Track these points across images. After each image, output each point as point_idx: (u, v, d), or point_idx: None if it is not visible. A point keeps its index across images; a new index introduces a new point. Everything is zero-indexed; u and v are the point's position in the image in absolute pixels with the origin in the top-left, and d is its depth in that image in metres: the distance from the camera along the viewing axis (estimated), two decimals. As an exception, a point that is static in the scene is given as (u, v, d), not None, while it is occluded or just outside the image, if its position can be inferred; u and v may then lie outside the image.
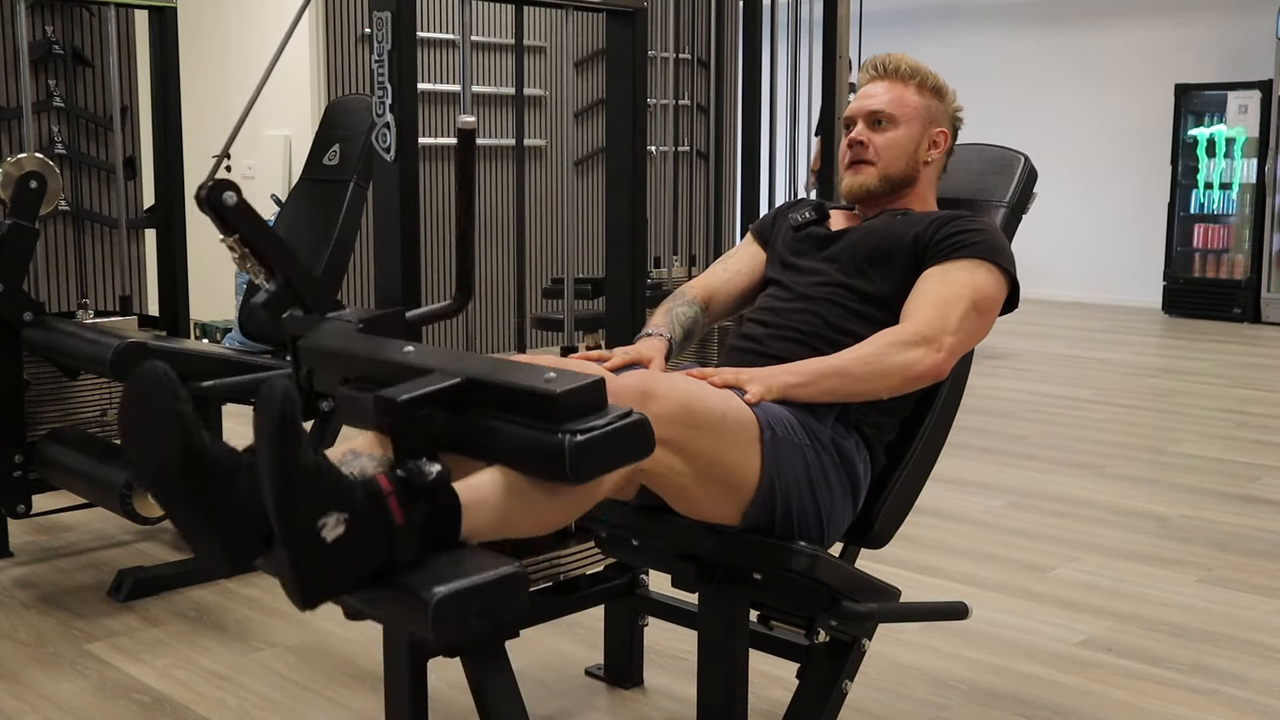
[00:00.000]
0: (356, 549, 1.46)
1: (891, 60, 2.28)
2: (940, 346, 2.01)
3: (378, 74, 2.35)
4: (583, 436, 1.51)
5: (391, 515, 1.48)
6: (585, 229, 6.86)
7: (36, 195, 3.16)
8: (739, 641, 2.05)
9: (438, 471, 1.53)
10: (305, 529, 1.42)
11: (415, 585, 1.46)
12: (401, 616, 1.50)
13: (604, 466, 1.56)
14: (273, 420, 1.41)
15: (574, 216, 4.38)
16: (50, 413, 3.28)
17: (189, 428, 1.47)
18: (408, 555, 1.50)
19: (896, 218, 2.22)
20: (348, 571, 1.46)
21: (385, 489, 1.49)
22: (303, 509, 1.42)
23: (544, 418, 1.54)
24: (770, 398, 1.93)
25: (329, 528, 1.43)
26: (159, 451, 1.49)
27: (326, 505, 1.43)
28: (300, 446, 1.42)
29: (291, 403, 1.43)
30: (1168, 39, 9.25)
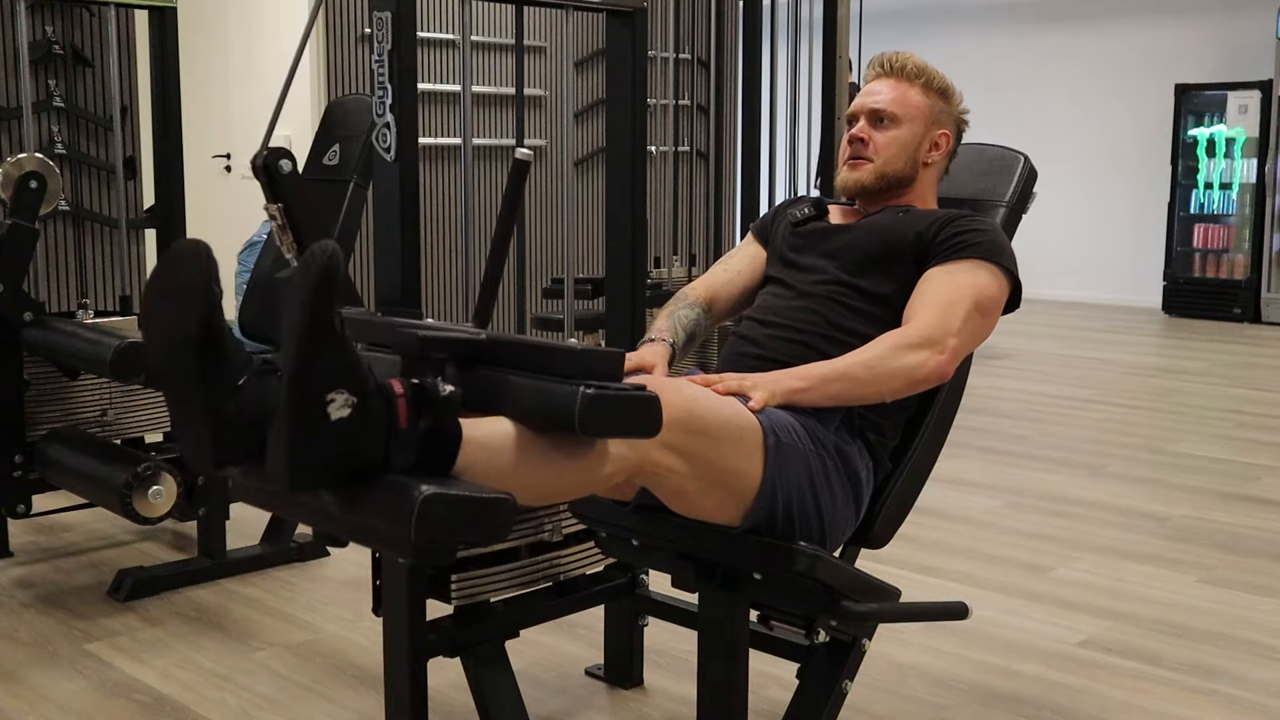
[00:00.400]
0: (355, 436, 1.44)
1: (899, 59, 2.27)
2: (944, 348, 2.00)
3: (378, 74, 2.35)
4: (595, 390, 1.53)
5: (397, 416, 1.47)
6: (585, 229, 6.86)
7: (36, 195, 3.16)
8: (739, 641, 2.04)
9: (451, 391, 1.52)
10: (314, 396, 1.40)
11: (403, 483, 1.45)
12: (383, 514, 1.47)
13: (612, 427, 1.58)
14: (313, 277, 1.40)
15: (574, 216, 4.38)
16: (50, 413, 3.27)
17: (213, 308, 1.47)
18: (401, 461, 1.48)
19: (898, 215, 2.21)
20: (340, 457, 1.45)
21: (397, 391, 1.48)
22: (317, 374, 1.40)
23: (561, 374, 1.56)
24: (774, 403, 1.93)
25: (336, 405, 1.42)
26: (179, 325, 1.47)
27: (339, 381, 1.42)
28: (333, 312, 1.41)
29: (336, 265, 1.41)
30: (1168, 39, 9.25)
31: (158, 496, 2.92)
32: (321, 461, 1.44)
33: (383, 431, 1.46)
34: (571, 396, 1.53)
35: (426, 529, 1.42)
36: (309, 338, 1.40)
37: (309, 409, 1.41)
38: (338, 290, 1.42)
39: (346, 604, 3.12)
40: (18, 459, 3.18)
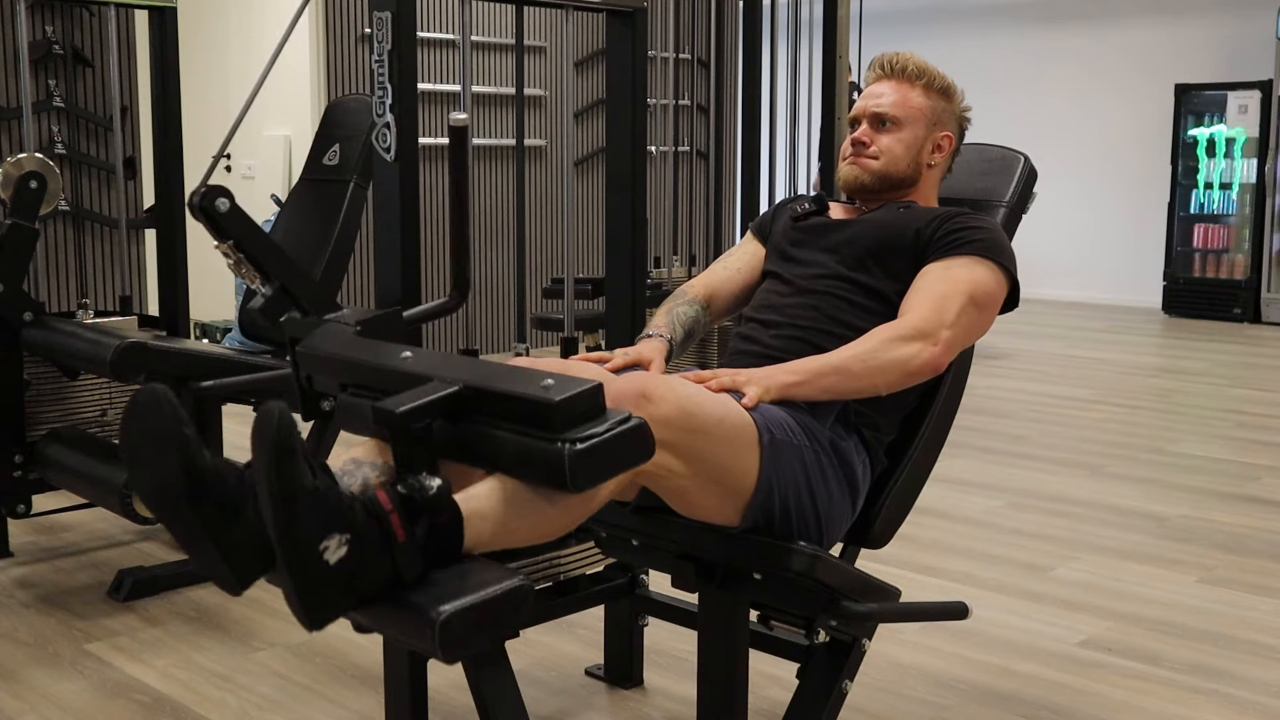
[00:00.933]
0: (360, 569, 1.46)
1: (899, 60, 2.27)
2: (937, 340, 2.01)
3: (378, 74, 2.35)
4: (582, 445, 1.50)
5: (394, 533, 1.48)
6: (585, 229, 6.86)
7: (36, 195, 3.16)
8: (739, 641, 2.05)
9: (438, 486, 1.53)
10: (307, 553, 1.42)
11: (421, 603, 1.45)
12: (408, 634, 1.50)
13: (604, 474, 1.55)
14: (270, 447, 1.42)
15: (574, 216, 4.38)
16: (50, 413, 3.28)
17: (191, 451, 1.48)
18: (411, 571, 1.50)
19: (899, 211, 2.21)
20: (352, 591, 1.47)
21: (386, 507, 1.49)
22: (304, 534, 1.42)
23: (542, 426, 1.53)
24: (769, 399, 1.93)
25: (331, 550, 1.43)
26: (162, 474, 1.49)
27: (328, 528, 1.44)
28: (299, 471, 1.42)
29: (288, 429, 1.43)
30: (1168, 39, 9.25)
31: (158, 496, 2.92)
32: (332, 599, 1.46)
33: (386, 552, 1.48)
34: (558, 457, 1.50)
35: (452, 645, 1.44)
36: (284, 503, 1.41)
37: (306, 562, 1.43)
38: (298, 449, 1.43)
39: (346, 604, 3.11)
40: (18, 459, 3.19)
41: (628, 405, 1.70)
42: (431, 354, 1.77)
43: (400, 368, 1.71)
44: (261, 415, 1.44)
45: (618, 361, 2.08)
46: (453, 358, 1.79)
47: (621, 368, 2.07)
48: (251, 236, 2.19)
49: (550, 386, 1.54)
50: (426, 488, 1.52)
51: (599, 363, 2.08)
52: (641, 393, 1.73)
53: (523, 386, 1.57)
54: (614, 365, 2.06)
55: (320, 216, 3.50)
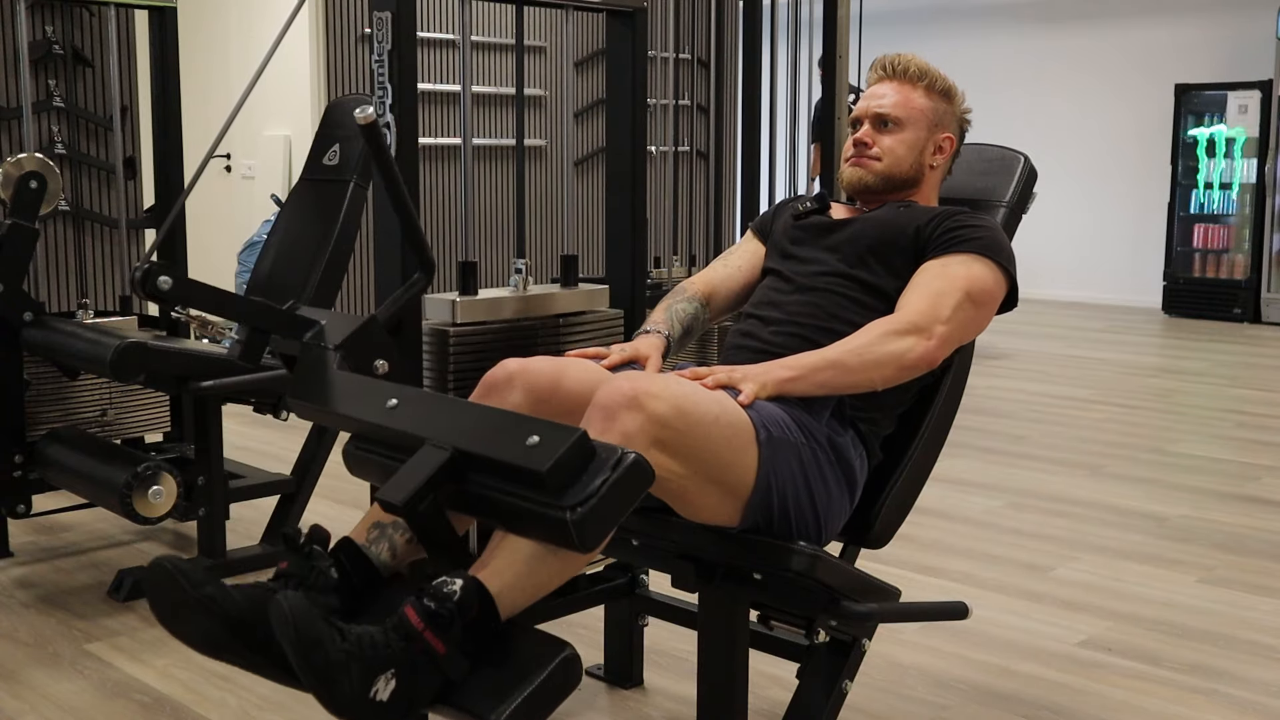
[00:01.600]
0: (411, 692, 1.55)
1: (901, 61, 2.28)
2: (931, 335, 2.01)
3: (378, 74, 2.35)
4: (582, 509, 1.51)
5: (433, 649, 1.56)
6: (585, 229, 6.86)
7: (36, 195, 3.16)
8: (739, 641, 2.05)
9: (460, 586, 1.59)
10: (360, 704, 1.51)
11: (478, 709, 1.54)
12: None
13: (610, 524, 1.56)
14: (292, 644, 1.50)
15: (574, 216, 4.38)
16: (50, 413, 3.27)
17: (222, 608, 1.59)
18: (459, 674, 1.58)
19: (900, 210, 2.22)
20: (410, 712, 1.56)
21: (418, 627, 1.56)
22: (351, 694, 1.51)
23: (539, 489, 1.55)
24: (765, 395, 1.93)
25: (381, 690, 1.52)
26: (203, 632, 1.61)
27: (372, 674, 1.52)
28: (328, 650, 1.51)
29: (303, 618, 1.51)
30: (1168, 39, 9.25)
31: (158, 496, 2.92)
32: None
33: (432, 667, 1.56)
34: (562, 524, 1.52)
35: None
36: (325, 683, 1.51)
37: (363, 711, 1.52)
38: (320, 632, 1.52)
39: (346, 604, 3.11)
40: (18, 459, 3.18)
41: (622, 406, 1.70)
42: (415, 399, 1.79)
43: (389, 425, 1.75)
44: (275, 616, 1.52)
45: (614, 358, 2.08)
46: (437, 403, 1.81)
47: (618, 364, 2.07)
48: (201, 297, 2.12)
49: (536, 446, 1.54)
50: (450, 594, 1.58)
51: (595, 359, 2.08)
52: (637, 393, 1.73)
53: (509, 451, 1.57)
54: (611, 362, 2.07)
55: (320, 216, 3.50)
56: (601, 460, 1.54)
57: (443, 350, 2.43)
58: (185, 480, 3.04)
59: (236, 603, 1.62)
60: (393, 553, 1.82)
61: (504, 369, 1.99)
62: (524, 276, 2.61)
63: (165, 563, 1.62)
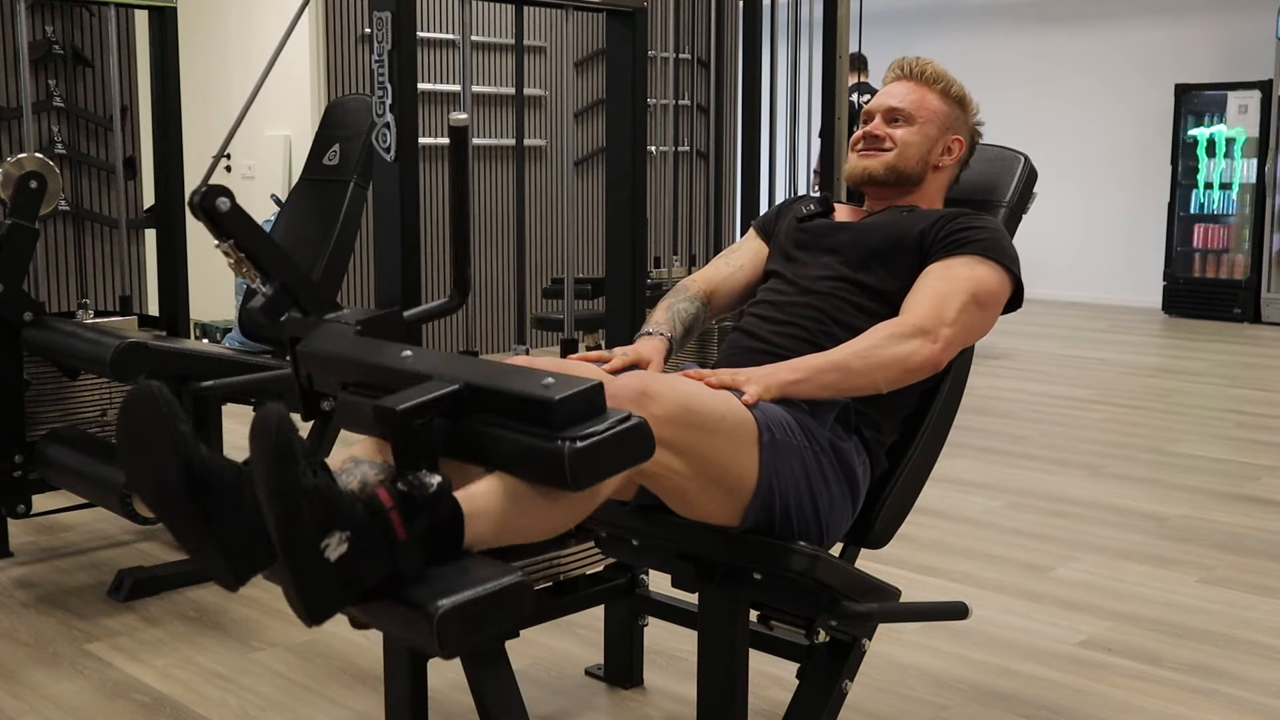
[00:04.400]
0: (360, 565, 1.47)
1: (919, 63, 2.29)
2: (937, 338, 2.01)
3: (378, 74, 2.35)
4: (582, 443, 1.50)
5: (394, 530, 1.49)
6: (585, 229, 6.86)
7: (36, 195, 3.16)
8: (739, 641, 2.05)
9: (438, 483, 1.53)
10: (308, 551, 1.43)
11: (419, 599, 1.46)
12: (406, 630, 1.50)
13: (604, 472, 1.55)
14: (269, 449, 1.43)
15: (574, 216, 4.38)
16: (50, 413, 3.27)
17: (188, 447, 1.49)
18: (411, 568, 1.50)
19: (903, 213, 2.22)
20: (351, 587, 1.47)
21: (387, 504, 1.50)
22: (304, 532, 1.43)
23: (542, 424, 1.53)
24: (769, 397, 1.92)
25: (332, 547, 1.44)
26: (159, 472, 1.50)
27: (328, 526, 1.44)
28: (299, 471, 1.43)
29: (287, 430, 1.44)
30: (1167, 39, 9.25)
31: (158, 496, 2.92)
32: (333, 595, 1.47)
33: (386, 549, 1.49)
34: (558, 455, 1.50)
35: (450, 640, 1.44)
36: (284, 505, 1.42)
37: (307, 560, 1.44)
38: (298, 451, 1.44)
39: (346, 604, 3.11)
40: (18, 459, 3.18)
41: (627, 404, 1.69)
42: (432, 353, 1.77)
43: (401, 367, 1.71)
44: (260, 417, 1.45)
45: (617, 362, 2.08)
46: (453, 357, 1.79)
47: (620, 368, 2.07)
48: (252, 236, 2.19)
49: (550, 385, 1.55)
50: (426, 485, 1.52)
51: (598, 363, 2.08)
52: (641, 392, 1.73)
53: (523, 385, 1.57)
54: (613, 366, 2.06)
55: (320, 216, 3.50)
56: (609, 415, 1.55)
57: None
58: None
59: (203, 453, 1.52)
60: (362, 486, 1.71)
61: None
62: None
63: (155, 389, 1.52)
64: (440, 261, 6.44)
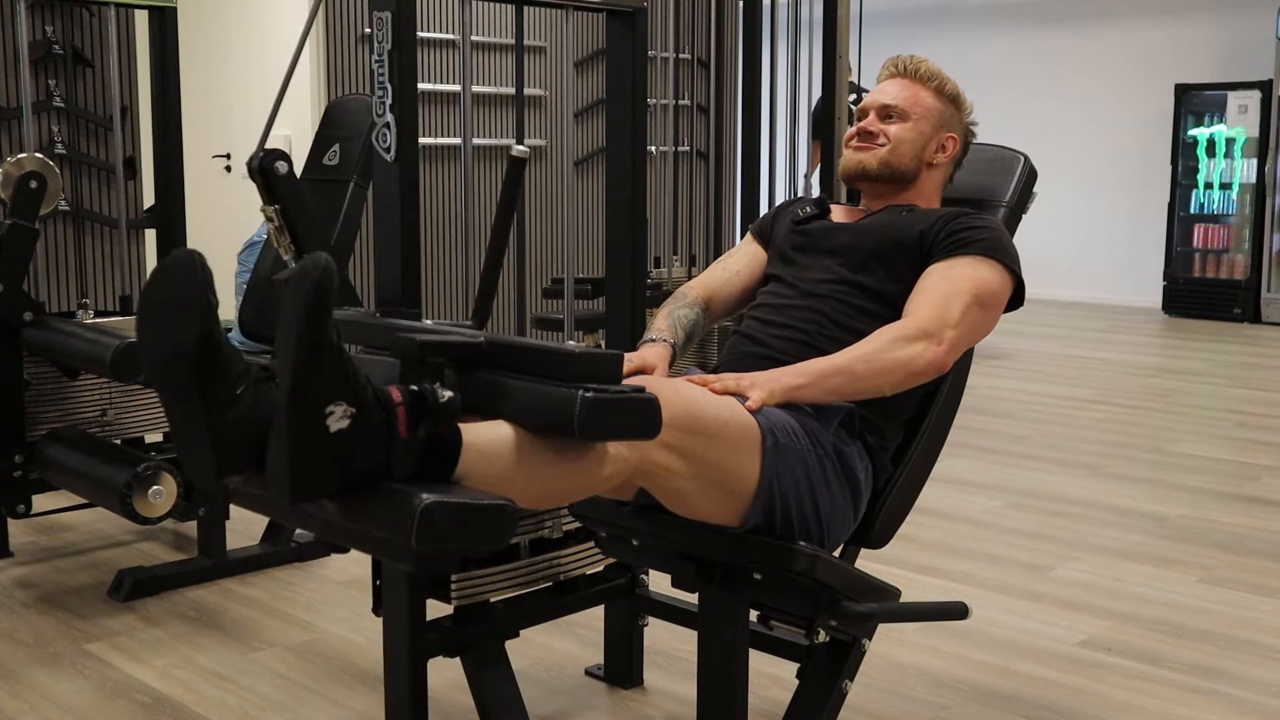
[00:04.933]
0: (355, 447, 1.45)
1: (913, 61, 2.30)
2: (941, 340, 2.01)
3: (378, 74, 2.35)
4: (594, 394, 1.53)
5: (396, 426, 1.48)
6: (585, 229, 6.86)
7: (36, 195, 3.16)
8: (739, 641, 2.04)
9: (450, 397, 1.52)
10: (313, 410, 1.41)
11: (405, 492, 1.45)
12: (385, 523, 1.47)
13: (610, 430, 1.57)
14: (308, 291, 1.40)
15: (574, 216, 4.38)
16: (50, 413, 3.27)
17: (211, 319, 1.47)
18: (402, 469, 1.49)
19: (902, 214, 2.22)
20: (341, 466, 1.45)
21: (396, 399, 1.49)
22: (315, 388, 1.41)
23: (559, 377, 1.56)
24: (773, 402, 1.92)
25: (335, 417, 1.42)
26: (176, 338, 1.48)
27: (337, 394, 1.42)
28: (328, 323, 1.41)
29: (330, 278, 1.41)
30: (1167, 39, 9.25)
31: (158, 496, 2.92)
32: (321, 473, 1.44)
33: (382, 441, 1.47)
34: (570, 400, 1.52)
35: (427, 537, 1.42)
36: (305, 351, 1.40)
37: (308, 422, 1.41)
38: (332, 303, 1.42)
39: (346, 604, 3.12)
40: (18, 459, 3.18)
41: None
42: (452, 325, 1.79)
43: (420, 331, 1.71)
44: (306, 261, 1.42)
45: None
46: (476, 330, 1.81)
47: (625, 375, 2.07)
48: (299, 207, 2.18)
49: (573, 348, 1.59)
50: (438, 394, 1.51)
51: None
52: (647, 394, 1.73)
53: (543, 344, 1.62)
54: (617, 372, 2.06)
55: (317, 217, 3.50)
56: (624, 386, 1.60)
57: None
58: (185, 480, 3.04)
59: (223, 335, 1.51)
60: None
61: None
62: None
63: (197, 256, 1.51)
64: (440, 262, 6.43)
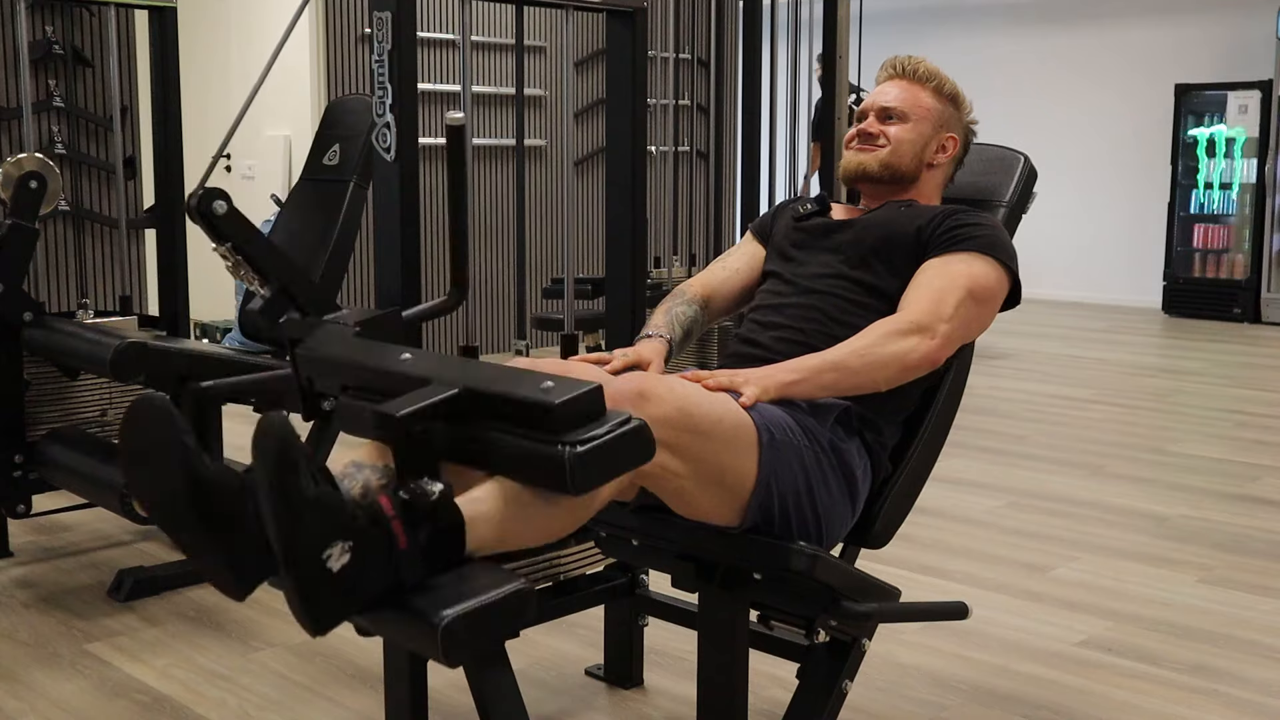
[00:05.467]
0: (362, 575, 1.47)
1: (911, 62, 2.30)
2: (934, 334, 2.01)
3: (378, 74, 2.35)
4: (582, 448, 1.49)
5: (396, 539, 1.49)
6: (585, 229, 6.86)
7: (36, 195, 3.16)
8: (739, 641, 2.04)
9: (440, 491, 1.53)
10: (310, 561, 1.43)
11: (424, 609, 1.46)
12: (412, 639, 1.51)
13: (604, 476, 1.55)
14: (271, 459, 1.42)
15: (574, 216, 4.38)
16: (50, 413, 3.27)
17: (192, 460, 1.49)
18: (413, 577, 1.50)
19: (901, 210, 2.22)
20: (354, 597, 1.48)
21: (388, 513, 1.49)
22: (306, 543, 1.43)
23: (542, 428, 1.53)
24: (768, 398, 1.92)
25: (334, 557, 1.44)
26: (163, 482, 1.50)
27: (330, 536, 1.44)
28: (301, 480, 1.43)
29: (289, 439, 1.44)
30: (1168, 39, 9.25)
31: (158, 496, 2.92)
32: (335, 606, 1.48)
33: (386, 558, 1.49)
34: (558, 459, 1.49)
35: (457, 649, 1.45)
36: (286, 517, 1.42)
37: (310, 570, 1.44)
38: (299, 459, 1.44)
39: (346, 604, 3.11)
40: (18, 459, 3.18)
41: (626, 406, 1.70)
42: (431, 355, 1.77)
43: (400, 370, 1.71)
44: (261, 427, 1.45)
45: (617, 363, 2.08)
46: (452, 359, 1.78)
47: (621, 369, 2.07)
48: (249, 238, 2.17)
49: (550, 389, 1.54)
50: (428, 493, 1.52)
51: (598, 364, 2.08)
52: (640, 393, 1.73)
53: (522, 389, 1.57)
54: (614, 367, 2.06)
55: (320, 216, 3.50)
56: (609, 417, 1.55)
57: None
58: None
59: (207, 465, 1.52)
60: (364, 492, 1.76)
61: None
62: None
63: (157, 399, 1.52)
64: (440, 261, 6.43)
